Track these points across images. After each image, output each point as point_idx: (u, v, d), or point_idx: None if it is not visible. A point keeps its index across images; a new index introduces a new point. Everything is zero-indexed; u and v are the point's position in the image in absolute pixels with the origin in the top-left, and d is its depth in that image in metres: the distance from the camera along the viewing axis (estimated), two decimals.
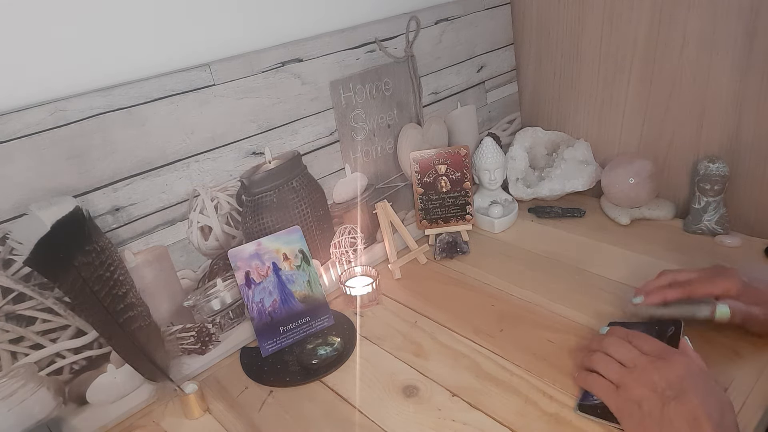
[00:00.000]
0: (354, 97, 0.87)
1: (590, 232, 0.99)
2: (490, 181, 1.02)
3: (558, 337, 0.75)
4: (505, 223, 1.02)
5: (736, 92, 0.89)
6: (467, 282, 0.89)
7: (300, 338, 0.79)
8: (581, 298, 0.82)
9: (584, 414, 0.62)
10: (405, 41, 0.93)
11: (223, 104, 0.73)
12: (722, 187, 0.91)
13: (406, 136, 0.96)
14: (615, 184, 0.99)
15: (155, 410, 0.70)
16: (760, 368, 0.66)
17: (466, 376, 0.70)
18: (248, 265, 0.76)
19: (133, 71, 0.67)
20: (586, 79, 1.07)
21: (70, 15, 0.62)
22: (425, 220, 0.99)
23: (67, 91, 0.62)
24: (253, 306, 0.76)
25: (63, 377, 0.64)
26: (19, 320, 0.60)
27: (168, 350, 0.70)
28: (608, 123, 1.07)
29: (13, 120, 0.57)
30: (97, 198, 0.64)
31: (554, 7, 1.06)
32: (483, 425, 0.63)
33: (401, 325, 0.81)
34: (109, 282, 0.62)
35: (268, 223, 0.80)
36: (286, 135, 0.80)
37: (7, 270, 0.59)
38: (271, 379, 0.73)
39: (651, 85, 0.98)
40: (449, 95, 1.03)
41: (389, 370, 0.73)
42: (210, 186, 0.74)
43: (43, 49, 0.61)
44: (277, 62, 0.77)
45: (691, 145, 0.97)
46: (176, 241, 0.71)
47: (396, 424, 0.64)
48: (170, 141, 0.69)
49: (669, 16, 0.92)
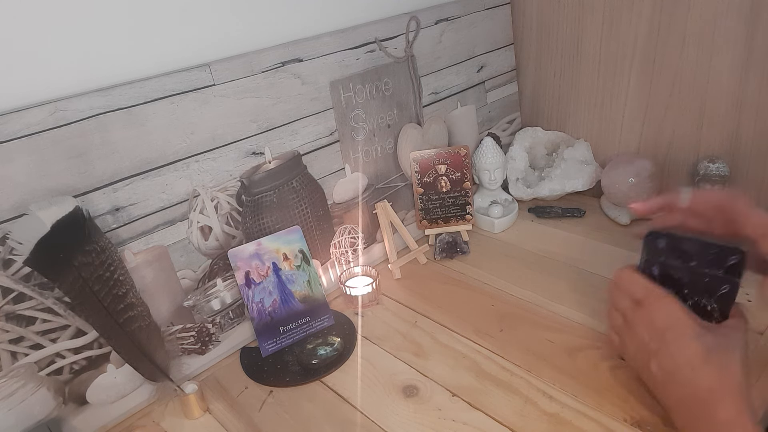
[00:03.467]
0: (354, 97, 0.87)
1: (590, 232, 0.99)
2: (490, 181, 1.02)
3: (558, 337, 0.75)
4: (505, 223, 1.02)
5: (736, 92, 0.89)
6: (467, 282, 0.89)
7: (300, 338, 0.79)
8: (581, 298, 0.82)
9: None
10: (405, 41, 0.93)
11: (223, 104, 0.73)
12: (722, 187, 0.91)
13: (406, 136, 0.96)
14: (615, 184, 0.99)
15: (155, 410, 0.70)
16: (760, 368, 0.66)
17: (466, 376, 0.70)
18: (248, 265, 0.76)
19: (133, 71, 0.67)
20: (586, 79, 1.07)
21: (70, 15, 0.62)
22: (425, 220, 0.99)
23: (67, 91, 0.62)
24: (253, 306, 0.76)
25: (63, 377, 0.64)
26: (19, 320, 0.60)
27: (168, 350, 0.70)
28: (608, 123, 1.07)
29: (13, 120, 0.57)
30: (97, 198, 0.64)
31: (554, 7, 1.06)
32: (483, 425, 0.63)
33: (401, 325, 0.81)
34: (109, 282, 0.62)
35: (268, 223, 0.80)
36: (286, 135, 0.80)
37: (7, 270, 0.59)
38: (271, 379, 0.73)
39: (651, 85, 0.98)
40: (449, 95, 1.03)
41: (389, 370, 0.73)
42: (210, 186, 0.74)
43: (43, 49, 0.61)
44: (277, 62, 0.77)
45: (691, 145, 0.97)
46: (176, 241, 0.71)
47: (396, 424, 0.65)
48: (170, 141, 0.69)
49: (669, 16, 0.92)
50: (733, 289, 0.57)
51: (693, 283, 0.59)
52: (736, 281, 0.57)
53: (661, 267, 0.61)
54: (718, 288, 0.58)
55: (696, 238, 0.58)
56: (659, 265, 0.61)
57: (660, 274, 0.61)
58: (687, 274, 0.59)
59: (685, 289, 0.59)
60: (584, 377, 0.68)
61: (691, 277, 0.59)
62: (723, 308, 0.58)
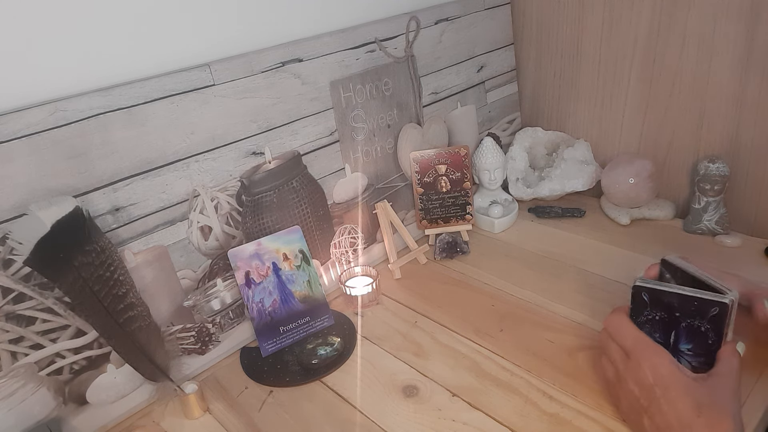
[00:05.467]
0: (354, 97, 0.87)
1: (590, 232, 0.99)
2: (490, 181, 1.02)
3: (558, 337, 0.75)
4: (505, 223, 1.02)
5: (736, 92, 0.89)
6: (467, 282, 0.89)
7: (300, 338, 0.79)
8: (581, 298, 0.82)
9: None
10: (405, 41, 0.93)
11: (223, 104, 0.73)
12: (722, 187, 0.91)
13: (406, 136, 0.96)
14: (615, 184, 0.99)
15: (155, 410, 0.70)
16: (760, 368, 0.66)
17: (466, 376, 0.70)
18: (248, 265, 0.76)
19: (133, 71, 0.67)
20: (586, 79, 1.07)
21: (70, 15, 0.62)
22: (425, 220, 0.99)
23: (67, 91, 0.62)
24: (253, 306, 0.76)
25: (63, 377, 0.64)
26: (19, 320, 0.60)
27: (168, 350, 0.70)
28: (608, 123, 1.07)
29: (13, 120, 0.57)
30: (97, 198, 0.64)
31: (554, 7, 1.06)
32: (483, 425, 0.63)
33: (401, 325, 0.81)
34: (109, 282, 0.62)
35: (268, 223, 0.80)
36: (286, 135, 0.80)
37: (7, 270, 0.59)
38: (271, 379, 0.73)
39: (651, 85, 0.98)
40: (449, 95, 1.03)
41: (389, 370, 0.73)
42: (210, 186, 0.74)
43: (44, 49, 0.61)
44: (277, 62, 0.77)
45: (691, 145, 0.97)
46: (176, 241, 0.71)
47: (396, 424, 0.64)
48: (170, 141, 0.69)
49: (669, 16, 0.92)
50: (723, 310, 0.56)
51: (682, 308, 0.58)
52: (725, 305, 0.55)
53: (648, 319, 0.61)
54: (708, 310, 0.57)
55: (677, 291, 0.58)
56: (645, 318, 0.61)
57: (647, 320, 0.61)
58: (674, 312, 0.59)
59: (677, 312, 0.58)
60: (584, 377, 0.68)
61: (680, 303, 0.58)
62: (717, 329, 0.57)
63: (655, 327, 0.60)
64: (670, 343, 0.59)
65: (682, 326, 0.58)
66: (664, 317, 0.59)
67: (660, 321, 0.60)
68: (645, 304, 0.60)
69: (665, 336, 0.59)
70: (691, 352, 0.58)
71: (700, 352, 0.58)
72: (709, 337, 0.57)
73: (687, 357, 0.59)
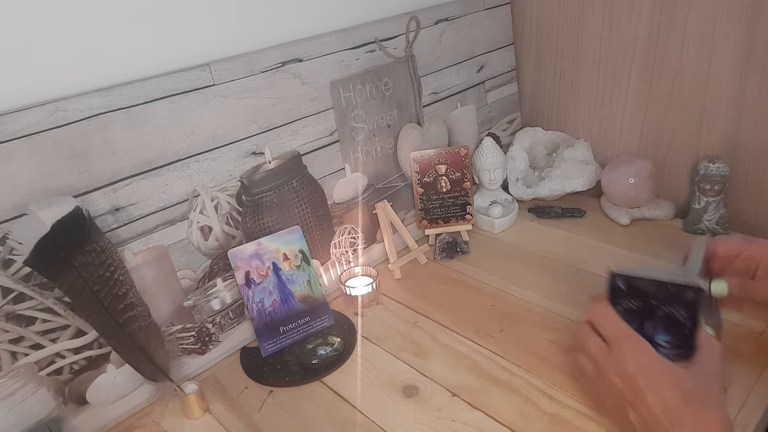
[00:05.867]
0: (354, 97, 0.87)
1: (590, 232, 0.99)
2: (490, 181, 1.02)
3: (558, 337, 0.75)
4: (505, 223, 1.02)
5: (736, 92, 0.89)
6: (467, 282, 0.89)
7: (300, 338, 0.79)
8: (581, 298, 0.82)
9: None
10: (405, 41, 0.93)
11: (223, 104, 0.73)
12: (722, 187, 0.91)
13: (406, 136, 0.96)
14: (615, 184, 0.99)
15: (155, 410, 0.70)
16: (760, 368, 0.66)
17: (466, 376, 0.70)
18: (248, 265, 0.76)
19: (133, 71, 0.67)
20: (586, 79, 1.07)
21: (70, 15, 0.62)
22: (425, 220, 0.99)
23: (67, 91, 0.62)
24: (253, 306, 0.76)
25: (63, 377, 0.64)
26: (19, 320, 0.60)
27: (168, 350, 0.70)
28: (608, 123, 1.07)
29: (13, 120, 0.57)
30: (97, 198, 0.64)
31: (554, 7, 1.06)
32: (483, 425, 0.63)
33: (401, 325, 0.81)
34: (109, 282, 0.62)
35: (268, 223, 0.80)
36: (286, 135, 0.80)
37: (7, 270, 0.59)
38: (271, 379, 0.73)
39: (651, 85, 0.98)
40: (449, 95, 1.03)
41: (389, 370, 0.73)
42: (210, 186, 0.74)
43: (44, 49, 0.61)
44: (277, 62, 0.77)
45: (691, 145, 0.97)
46: (176, 241, 0.71)
47: (396, 424, 0.65)
48: (170, 141, 0.69)
49: (669, 16, 0.92)
50: (697, 295, 0.55)
51: (658, 295, 0.58)
52: (700, 289, 0.55)
53: (624, 309, 0.60)
54: (683, 295, 0.56)
55: (651, 278, 0.57)
56: (622, 308, 0.60)
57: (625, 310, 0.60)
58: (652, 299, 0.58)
59: (653, 300, 0.58)
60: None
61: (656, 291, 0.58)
62: (692, 316, 0.56)
63: (632, 317, 0.59)
64: (647, 335, 0.58)
65: (659, 315, 0.57)
66: (640, 306, 0.58)
67: (637, 311, 0.59)
68: (621, 292, 0.59)
69: (642, 327, 0.58)
70: (669, 344, 0.58)
71: (677, 344, 0.57)
72: (686, 326, 0.56)
73: (665, 349, 0.58)
